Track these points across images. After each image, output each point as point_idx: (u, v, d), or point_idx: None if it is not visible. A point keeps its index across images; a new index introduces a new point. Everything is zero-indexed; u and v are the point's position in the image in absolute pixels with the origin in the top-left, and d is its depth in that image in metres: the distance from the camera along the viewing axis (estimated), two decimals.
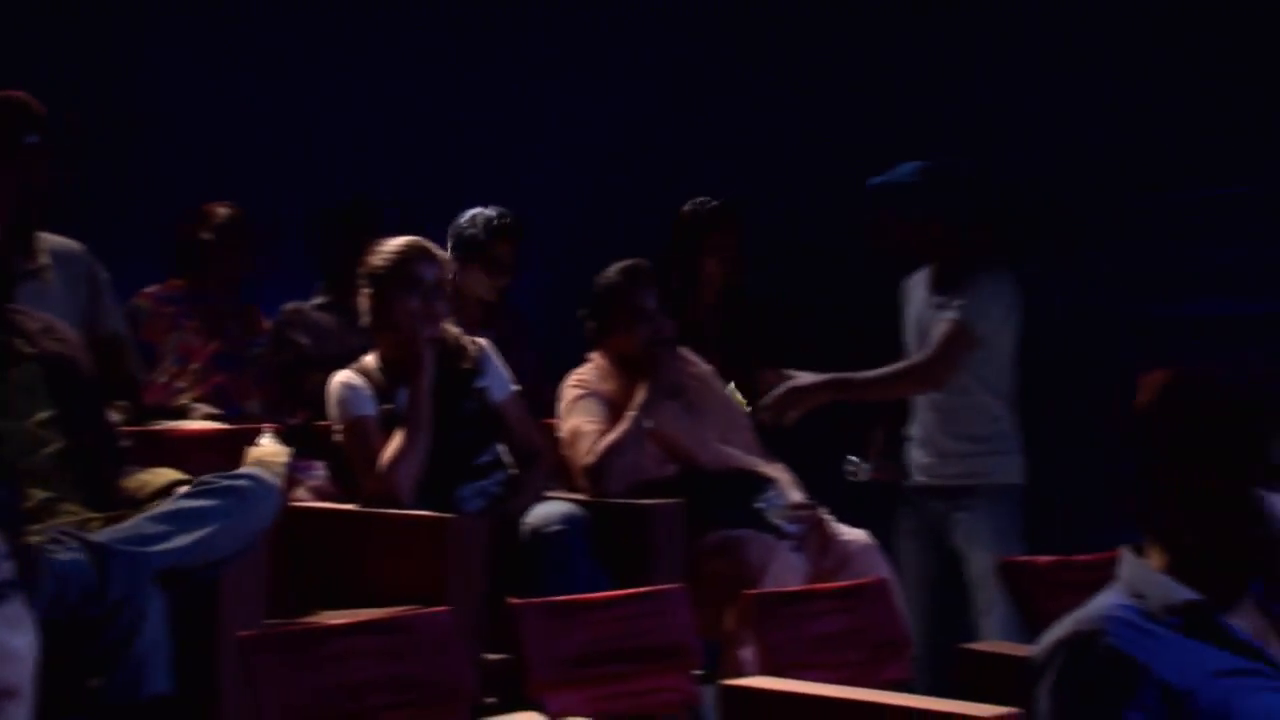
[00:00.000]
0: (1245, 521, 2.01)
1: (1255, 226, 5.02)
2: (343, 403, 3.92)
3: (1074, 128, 4.97)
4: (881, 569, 4.08)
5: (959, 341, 4.57)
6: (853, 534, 4.23)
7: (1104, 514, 2.29)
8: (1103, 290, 4.97)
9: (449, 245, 4.92)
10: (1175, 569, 2.06)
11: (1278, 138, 4.87)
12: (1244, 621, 2.06)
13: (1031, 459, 4.72)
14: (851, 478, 4.74)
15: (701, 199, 5.12)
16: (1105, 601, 2.07)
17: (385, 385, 3.93)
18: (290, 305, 4.66)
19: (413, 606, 3.43)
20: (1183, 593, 2.03)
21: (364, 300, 3.97)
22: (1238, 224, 5.04)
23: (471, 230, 4.90)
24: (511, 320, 5.07)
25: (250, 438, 3.82)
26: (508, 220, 4.92)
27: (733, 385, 4.73)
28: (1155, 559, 2.09)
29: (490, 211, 4.93)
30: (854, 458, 4.75)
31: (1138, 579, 2.08)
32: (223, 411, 4.50)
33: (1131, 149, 4.94)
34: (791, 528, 4.16)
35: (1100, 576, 2.17)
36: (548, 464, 4.14)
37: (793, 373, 4.54)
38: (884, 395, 4.72)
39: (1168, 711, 1.96)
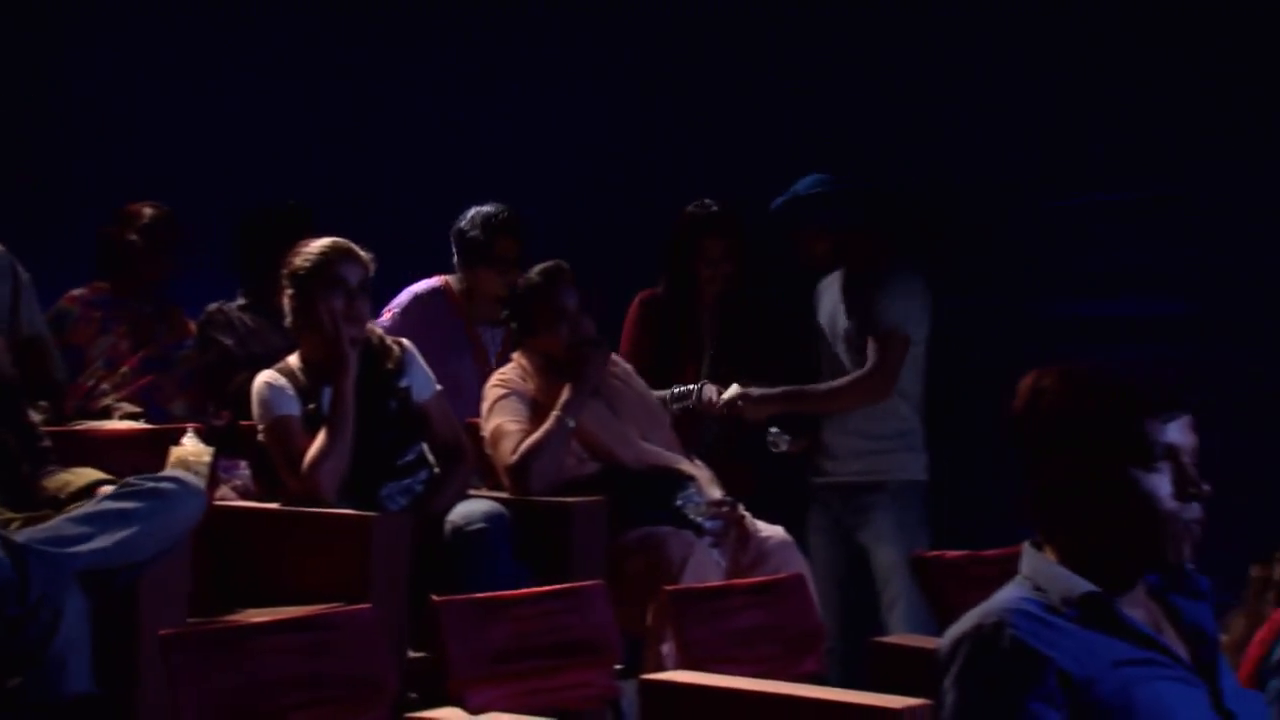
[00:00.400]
0: (1128, 509, 2.05)
1: (1142, 231, 5.12)
2: (266, 403, 3.90)
3: (970, 137, 5.03)
4: (798, 565, 4.13)
5: (897, 350, 4.71)
6: (770, 530, 4.27)
7: (1010, 509, 2.33)
8: (1002, 292, 5.05)
9: (453, 250, 4.94)
10: (1071, 562, 2.10)
11: (1159, 146, 4.98)
12: (1139, 611, 2.10)
13: (937, 456, 4.80)
14: (774, 449, 4.77)
15: (703, 201, 5.03)
16: (1007, 595, 2.11)
17: (308, 385, 3.92)
18: (214, 306, 4.63)
19: (336, 605, 3.44)
20: (1080, 585, 2.07)
21: (287, 301, 3.95)
22: (1125, 229, 5.14)
23: (472, 232, 4.88)
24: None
25: (173, 438, 3.80)
26: (506, 215, 4.89)
27: (735, 387, 4.75)
28: (1053, 552, 2.13)
29: (488, 209, 4.90)
30: (775, 429, 4.79)
31: (1038, 573, 2.11)
32: (144, 411, 4.47)
33: (1023, 157, 5.02)
34: (710, 524, 4.19)
35: (1005, 570, 2.20)
36: (470, 463, 4.14)
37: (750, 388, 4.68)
38: (834, 408, 4.80)
39: (1069, 700, 1.99)
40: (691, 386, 4.79)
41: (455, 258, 4.97)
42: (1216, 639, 2.13)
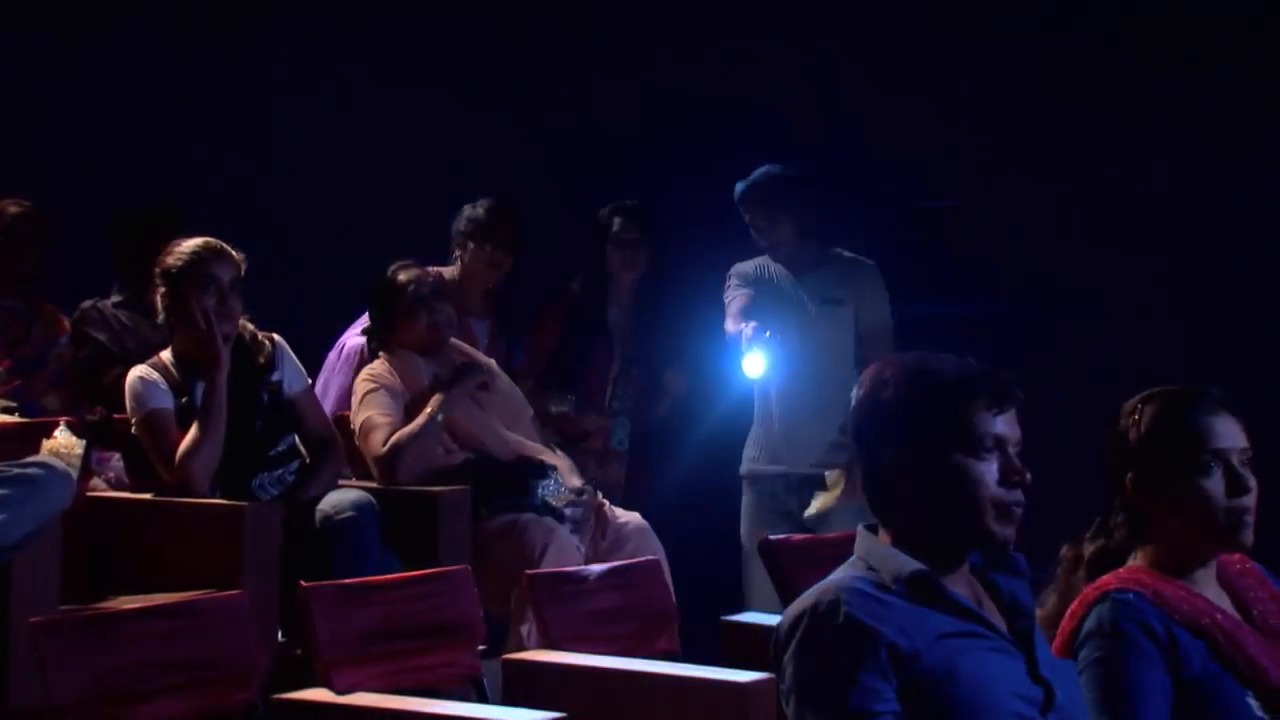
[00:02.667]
0: (958, 494, 2.10)
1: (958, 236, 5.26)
2: (139, 396, 3.85)
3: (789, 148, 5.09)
4: (653, 549, 4.16)
5: (891, 342, 4.66)
6: (627, 517, 4.31)
7: None
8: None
9: (452, 233, 4.87)
10: (903, 543, 2.14)
11: (974, 157, 5.12)
12: (963, 588, 2.14)
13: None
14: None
15: (619, 203, 4.99)
16: (842, 574, 2.14)
17: (181, 379, 3.87)
18: (88, 303, 4.53)
19: (208, 591, 3.39)
20: (909, 564, 2.11)
21: (159, 298, 3.90)
22: (942, 234, 5.28)
23: (473, 214, 4.85)
24: (507, 309, 5.05)
25: (46, 431, 3.72)
26: (498, 206, 4.87)
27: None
28: (886, 535, 2.17)
29: (486, 198, 4.88)
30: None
31: (870, 553, 2.15)
32: (18, 406, 4.35)
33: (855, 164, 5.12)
34: (571, 511, 4.21)
35: (844, 553, 2.24)
36: (341, 454, 4.11)
37: None
38: None
39: (898, 672, 2.03)
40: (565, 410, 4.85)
41: (453, 246, 4.91)
42: (1033, 613, 2.18)
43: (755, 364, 4.57)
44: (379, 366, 4.36)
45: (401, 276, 4.36)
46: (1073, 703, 2.14)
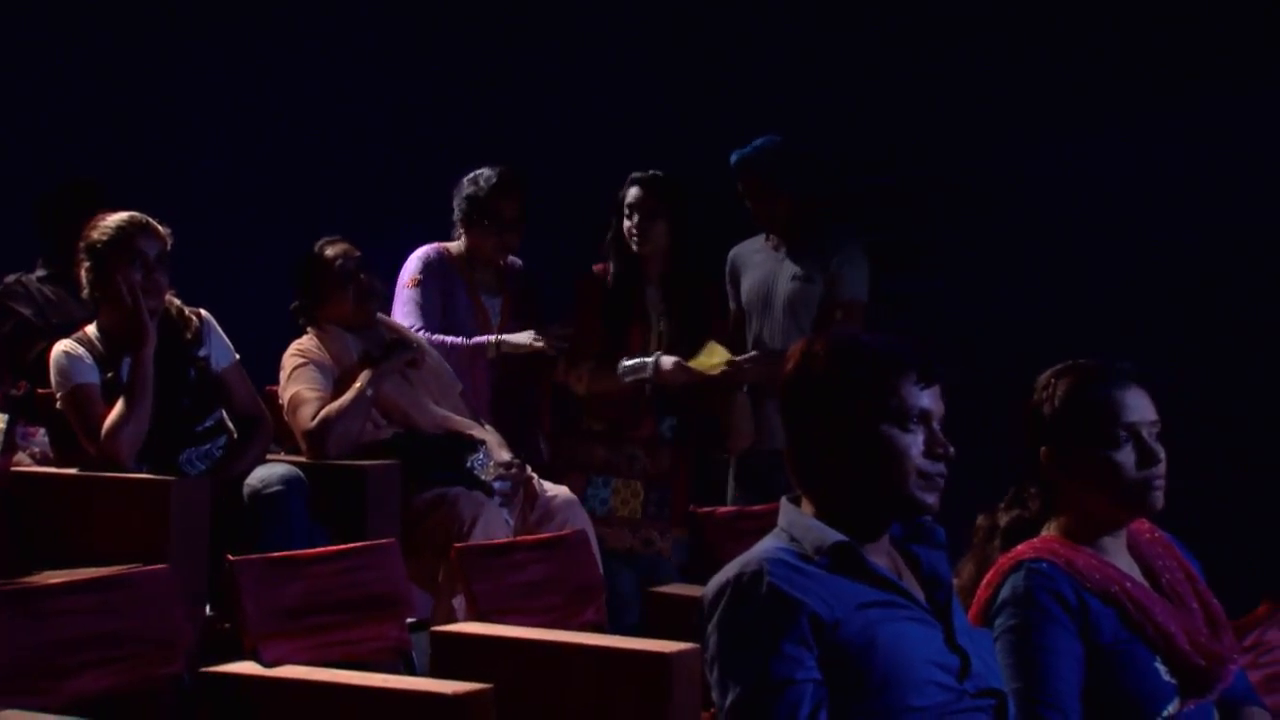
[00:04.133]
0: (884, 465, 2.10)
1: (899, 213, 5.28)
2: (64, 371, 3.78)
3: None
4: (581, 522, 4.14)
5: (858, 318, 4.52)
6: (556, 490, 4.29)
7: None
8: None
9: (454, 210, 4.67)
10: (826, 515, 2.14)
11: (910, 135, 5.13)
12: (883, 559, 2.15)
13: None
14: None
15: (646, 172, 4.64)
16: (766, 545, 2.14)
17: (107, 354, 3.81)
18: (11, 277, 4.46)
19: (136, 566, 3.33)
20: (831, 535, 2.11)
21: (84, 273, 3.83)
22: (887, 211, 5.28)
23: (472, 189, 4.63)
24: (523, 284, 4.81)
25: None
26: (509, 175, 4.64)
27: (713, 344, 4.49)
28: (809, 506, 2.17)
29: (488, 170, 4.64)
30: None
31: (793, 524, 2.15)
32: None
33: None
34: (499, 485, 4.19)
35: (769, 524, 2.24)
36: (269, 428, 4.06)
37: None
38: None
39: (820, 640, 2.03)
40: (646, 359, 4.55)
41: (456, 221, 4.70)
42: (950, 583, 2.19)
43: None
44: (307, 342, 4.31)
45: (329, 251, 4.30)
46: (988, 669, 2.16)
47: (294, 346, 4.31)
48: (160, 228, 3.86)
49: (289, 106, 5.69)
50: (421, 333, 4.57)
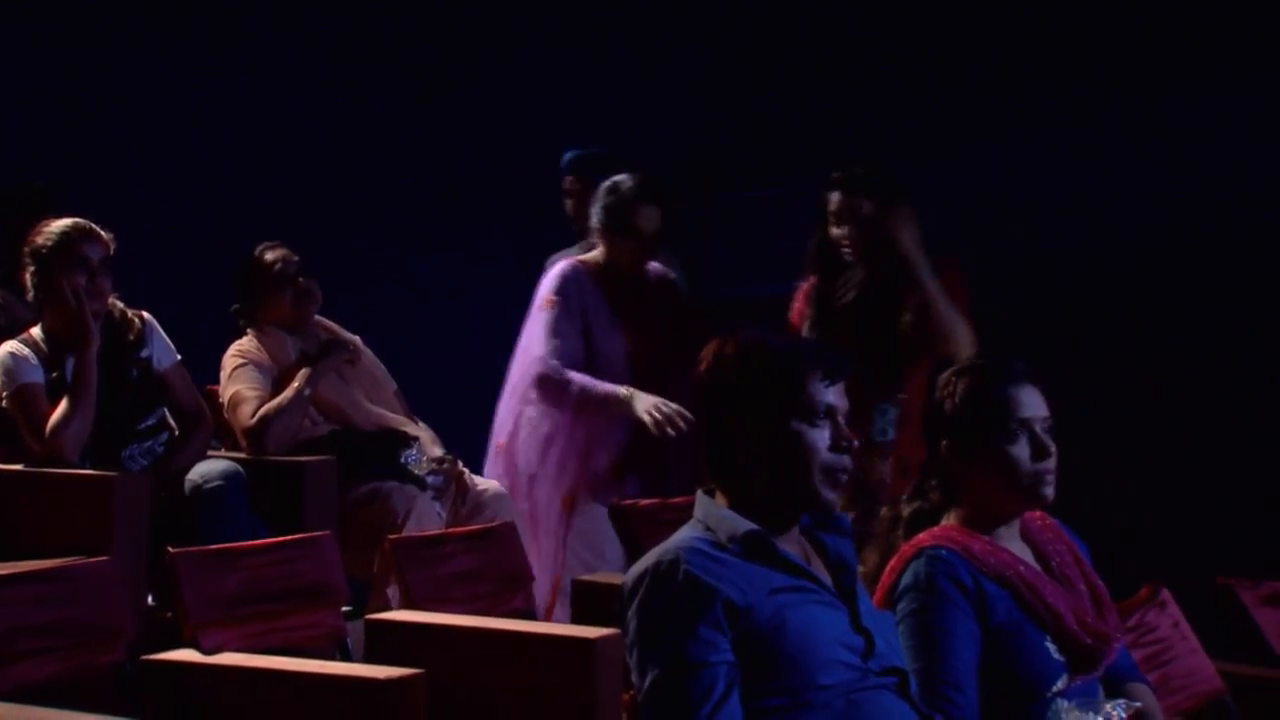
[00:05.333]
0: (793, 458, 2.12)
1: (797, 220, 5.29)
2: (10, 371, 3.74)
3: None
4: (509, 514, 4.14)
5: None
6: (486, 484, 4.28)
7: None
8: (690, 274, 5.10)
9: (591, 215, 4.29)
10: (739, 506, 2.16)
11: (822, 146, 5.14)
12: (793, 546, 2.18)
13: None
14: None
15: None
16: (682, 535, 2.16)
17: (51, 355, 3.77)
18: None
19: (79, 558, 3.29)
20: (743, 524, 2.13)
21: (29, 277, 3.78)
22: (783, 219, 5.28)
23: (611, 198, 4.26)
24: (669, 297, 4.39)
25: None
26: (649, 184, 4.27)
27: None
28: (723, 498, 2.19)
29: (629, 177, 4.26)
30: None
31: (708, 515, 2.17)
32: None
33: (708, 155, 5.10)
34: (432, 479, 4.17)
35: (685, 515, 2.25)
36: (209, 426, 4.02)
37: None
38: None
39: (733, 624, 2.05)
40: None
41: (594, 230, 4.30)
42: (855, 569, 2.22)
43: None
44: (247, 343, 4.28)
45: (268, 255, 4.28)
46: (891, 649, 2.18)
47: (234, 347, 4.27)
48: (103, 233, 3.82)
49: (229, 116, 5.63)
50: (553, 362, 4.20)
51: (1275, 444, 4.69)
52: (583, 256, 4.39)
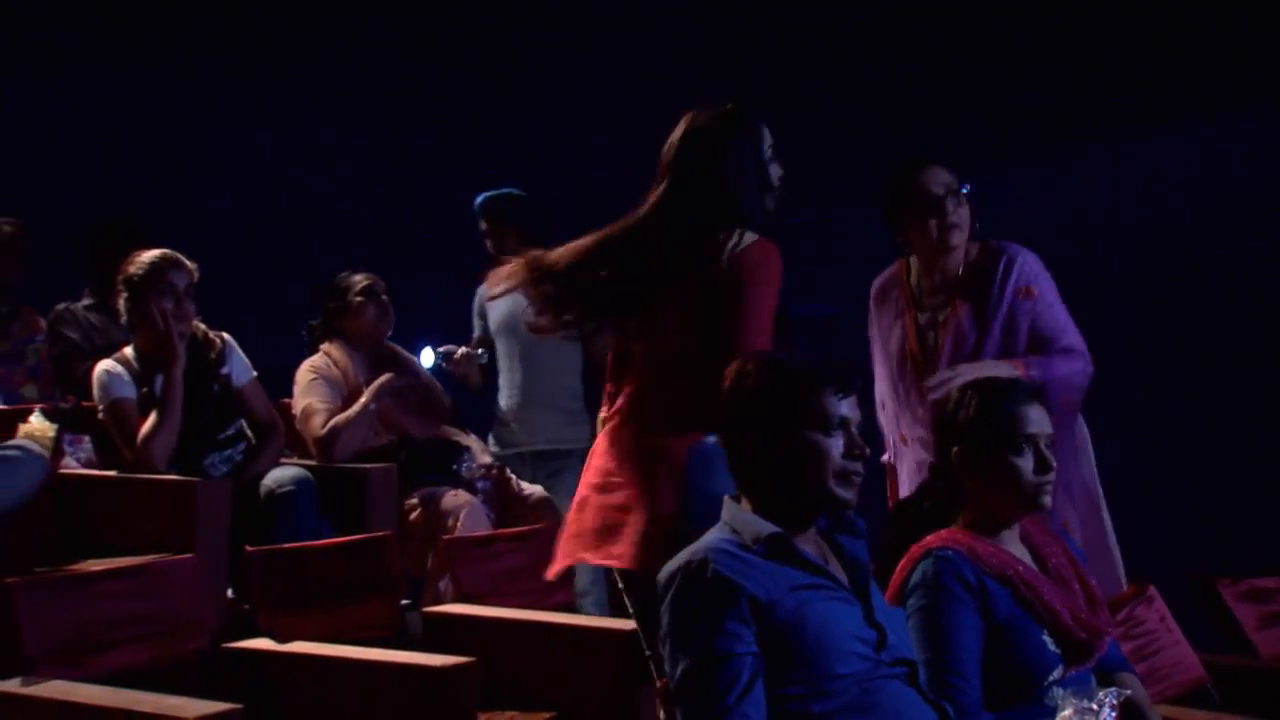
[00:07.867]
0: (810, 466, 2.11)
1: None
2: (105, 387, 3.76)
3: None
4: (553, 517, 4.13)
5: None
6: (531, 489, 4.28)
7: None
8: None
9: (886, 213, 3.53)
10: (762, 510, 2.15)
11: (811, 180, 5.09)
12: (811, 547, 2.16)
13: None
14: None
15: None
16: (711, 537, 2.15)
17: (142, 372, 3.79)
18: (61, 306, 4.45)
19: (166, 555, 3.30)
20: (767, 527, 2.12)
21: (122, 302, 3.81)
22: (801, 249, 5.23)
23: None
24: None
25: (24, 417, 3.62)
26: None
27: None
28: (746, 504, 2.18)
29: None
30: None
31: (734, 519, 2.16)
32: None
33: None
34: (481, 485, 4.18)
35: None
36: (282, 436, 4.04)
37: None
38: None
39: (757, 618, 2.04)
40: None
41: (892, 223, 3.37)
42: (868, 567, 2.21)
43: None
44: (319, 360, 4.30)
45: (355, 276, 4.34)
46: (902, 642, 2.17)
47: (307, 364, 4.30)
48: (188, 263, 3.85)
49: (302, 160, 5.67)
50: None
51: (1258, 449, 4.63)
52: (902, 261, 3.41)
